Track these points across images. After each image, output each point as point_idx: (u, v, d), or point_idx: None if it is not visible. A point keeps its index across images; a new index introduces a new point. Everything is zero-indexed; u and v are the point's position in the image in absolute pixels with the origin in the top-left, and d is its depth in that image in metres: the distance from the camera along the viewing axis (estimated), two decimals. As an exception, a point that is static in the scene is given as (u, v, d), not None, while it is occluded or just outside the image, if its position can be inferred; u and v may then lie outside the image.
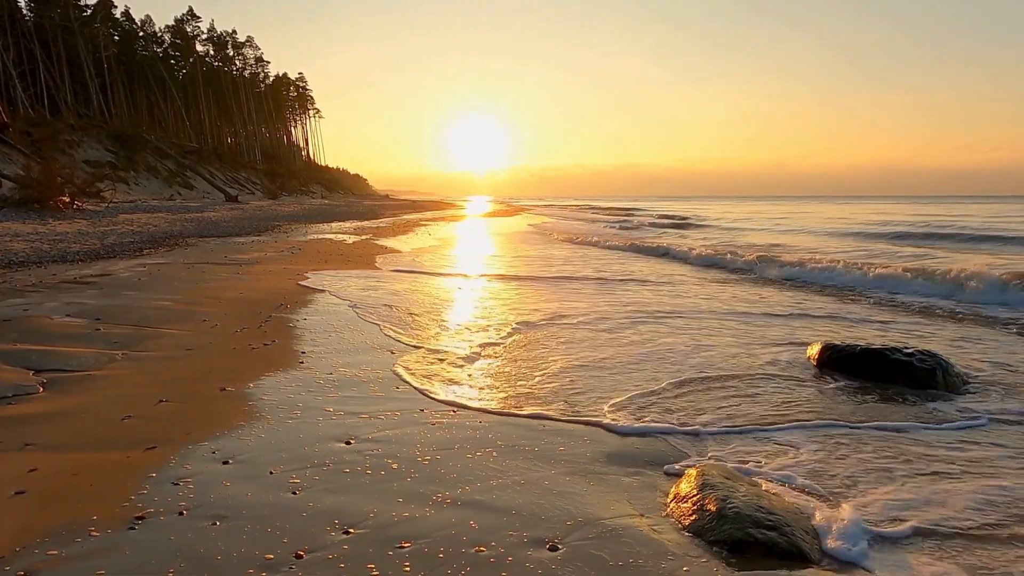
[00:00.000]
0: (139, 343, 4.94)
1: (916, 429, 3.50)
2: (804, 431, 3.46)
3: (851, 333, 5.90)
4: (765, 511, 2.40)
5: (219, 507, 2.46)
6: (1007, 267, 9.78)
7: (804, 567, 2.18)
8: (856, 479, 2.86)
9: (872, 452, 3.18)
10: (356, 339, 5.40)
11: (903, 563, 2.22)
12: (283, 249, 13.46)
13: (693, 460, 3.05)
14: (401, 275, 10.01)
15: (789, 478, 2.86)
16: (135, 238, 14.15)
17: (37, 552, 2.12)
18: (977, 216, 33.28)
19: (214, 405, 3.66)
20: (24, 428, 3.21)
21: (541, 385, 4.21)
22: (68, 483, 2.63)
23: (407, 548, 2.21)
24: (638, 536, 2.34)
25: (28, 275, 8.24)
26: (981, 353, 5.18)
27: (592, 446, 3.21)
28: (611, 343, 5.43)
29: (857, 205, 67.96)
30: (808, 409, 3.79)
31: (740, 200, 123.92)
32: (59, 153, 28.05)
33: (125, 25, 62.31)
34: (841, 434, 3.42)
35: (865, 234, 22.04)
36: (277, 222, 24.11)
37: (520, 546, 2.25)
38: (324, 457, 2.96)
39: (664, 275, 10.87)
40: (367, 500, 2.56)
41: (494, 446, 3.16)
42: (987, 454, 3.18)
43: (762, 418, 3.63)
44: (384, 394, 3.94)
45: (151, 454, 2.94)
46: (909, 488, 2.77)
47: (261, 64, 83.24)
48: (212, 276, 8.76)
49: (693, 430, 3.44)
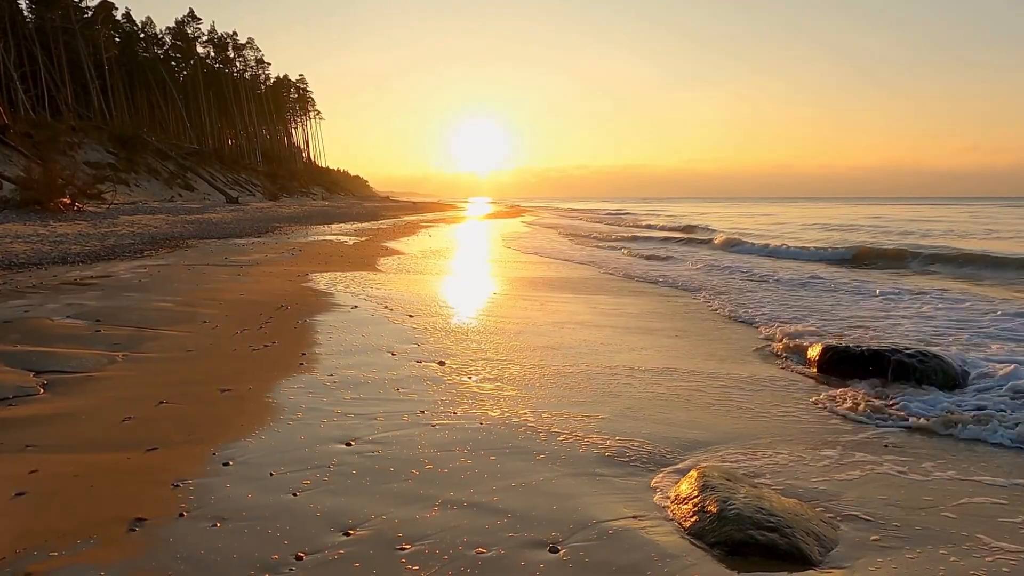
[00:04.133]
0: (139, 345, 4.94)
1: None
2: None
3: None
4: (766, 512, 2.39)
5: (219, 509, 2.46)
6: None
7: (805, 569, 2.18)
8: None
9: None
10: (356, 340, 5.40)
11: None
12: (283, 251, 13.46)
13: (693, 461, 3.05)
14: (401, 276, 10.00)
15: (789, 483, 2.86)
16: (136, 239, 14.16)
17: (37, 554, 2.12)
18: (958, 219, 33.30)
19: (214, 407, 3.66)
20: (24, 430, 3.21)
21: (541, 386, 4.21)
22: (68, 485, 2.63)
23: (408, 550, 2.21)
24: (638, 538, 2.34)
25: (29, 276, 8.24)
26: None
27: (593, 448, 3.21)
28: (612, 344, 5.42)
29: (863, 207, 67.98)
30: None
31: (742, 201, 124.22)
32: (60, 155, 28.05)
33: (126, 27, 62.36)
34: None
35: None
36: (277, 223, 24.11)
37: (521, 548, 2.25)
38: (325, 459, 2.96)
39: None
40: (368, 502, 2.55)
41: (494, 447, 3.16)
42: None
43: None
44: (384, 395, 3.94)
45: (151, 456, 2.94)
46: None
47: (262, 66, 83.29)
48: (213, 278, 8.76)
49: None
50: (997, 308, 6.99)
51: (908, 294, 8.28)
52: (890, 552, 2.29)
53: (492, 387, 4.18)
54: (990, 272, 11.11)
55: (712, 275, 10.90)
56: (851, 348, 4.70)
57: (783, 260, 13.79)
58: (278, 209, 36.64)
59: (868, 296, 8.26)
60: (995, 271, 11.18)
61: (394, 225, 26.95)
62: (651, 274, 11.10)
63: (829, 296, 8.39)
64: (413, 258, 13.31)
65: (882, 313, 7.01)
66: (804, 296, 8.39)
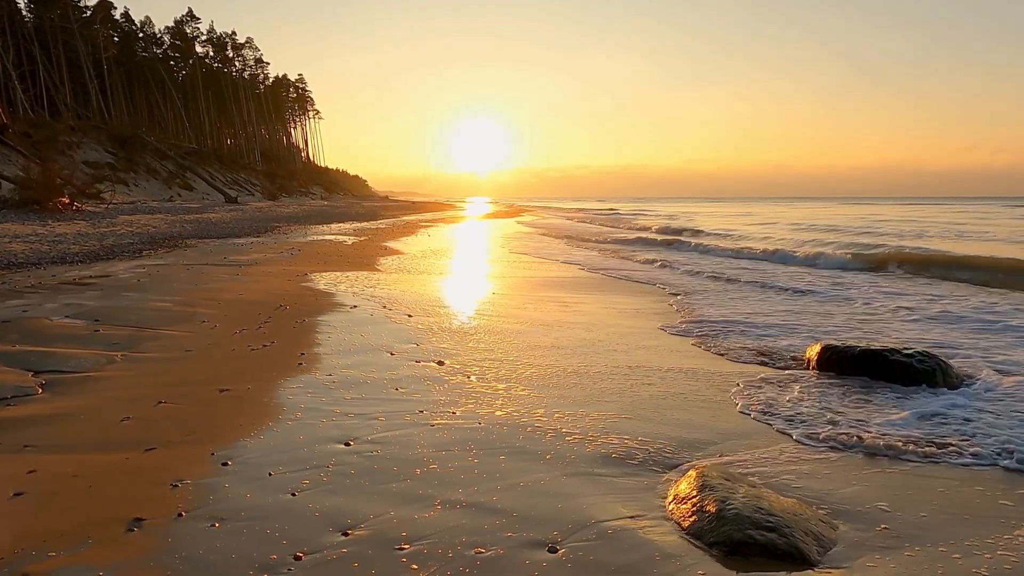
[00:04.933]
0: (138, 344, 4.93)
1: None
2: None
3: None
4: (764, 512, 2.39)
5: (218, 509, 2.46)
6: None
7: (804, 569, 2.18)
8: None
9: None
10: (355, 340, 5.39)
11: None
12: (282, 250, 13.46)
13: (692, 461, 3.05)
14: (400, 276, 10.00)
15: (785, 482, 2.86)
16: (134, 239, 14.15)
17: (36, 554, 2.12)
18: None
19: (213, 407, 3.66)
20: (23, 429, 3.21)
21: (541, 385, 4.21)
22: (67, 485, 2.63)
23: (407, 550, 2.21)
24: (637, 538, 2.34)
25: (27, 276, 8.24)
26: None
27: (592, 448, 3.21)
28: (608, 347, 5.43)
29: (861, 207, 68.05)
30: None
31: (743, 202, 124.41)
32: (59, 154, 28.00)
33: (125, 26, 62.30)
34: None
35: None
36: (276, 223, 24.10)
37: (520, 548, 2.25)
38: (324, 459, 2.96)
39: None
40: (366, 502, 2.55)
41: (494, 447, 3.16)
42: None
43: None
44: (383, 395, 3.94)
45: (150, 456, 2.94)
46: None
47: (261, 65, 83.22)
48: (212, 277, 8.76)
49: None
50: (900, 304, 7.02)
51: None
52: (889, 552, 2.29)
53: (491, 386, 4.18)
54: (935, 271, 11.22)
55: (693, 277, 10.92)
56: (850, 348, 4.71)
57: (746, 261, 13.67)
58: (277, 209, 36.63)
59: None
60: (938, 270, 11.25)
61: (393, 225, 26.95)
62: (650, 275, 11.12)
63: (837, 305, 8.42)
64: (412, 258, 13.31)
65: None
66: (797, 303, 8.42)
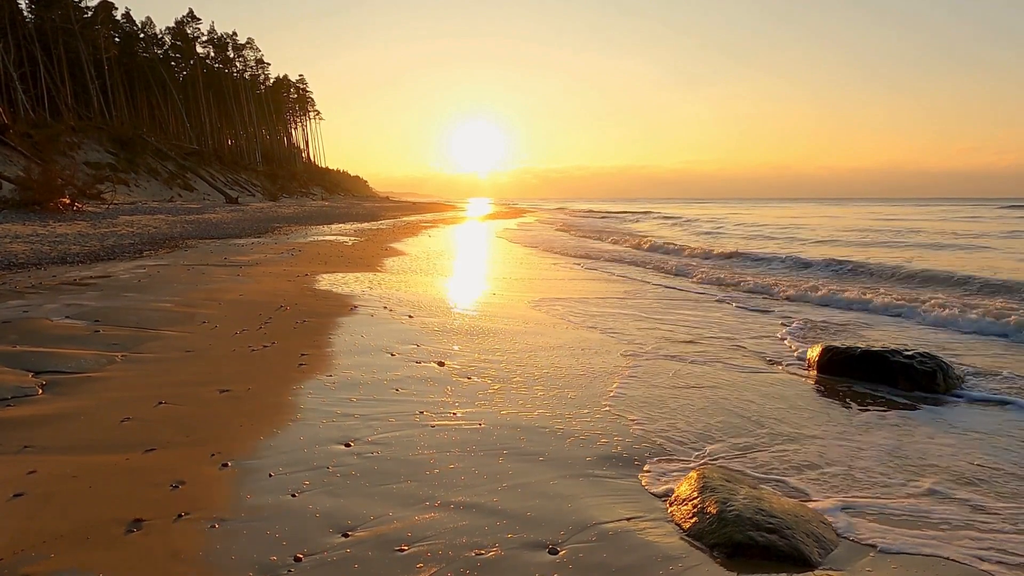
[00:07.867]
0: (138, 345, 4.93)
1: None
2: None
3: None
4: (765, 514, 2.39)
5: (218, 510, 2.45)
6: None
7: (805, 571, 2.17)
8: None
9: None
10: (356, 341, 5.39)
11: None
12: (283, 251, 13.45)
13: (693, 462, 3.04)
14: (400, 276, 9.99)
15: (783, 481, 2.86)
16: (135, 240, 14.15)
17: (35, 555, 2.11)
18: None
19: (213, 407, 3.65)
20: (23, 430, 3.21)
21: (541, 386, 4.20)
22: (67, 485, 2.62)
23: (407, 551, 2.20)
24: (638, 539, 2.34)
25: (28, 277, 8.24)
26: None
27: (592, 449, 3.20)
28: (608, 348, 5.42)
29: (860, 207, 68.07)
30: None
31: (743, 202, 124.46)
32: (59, 155, 28.05)
33: (126, 27, 62.32)
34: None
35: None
36: (277, 224, 24.10)
37: (520, 549, 2.24)
38: (324, 459, 2.95)
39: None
40: (367, 503, 2.55)
41: (494, 448, 3.15)
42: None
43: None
44: (384, 396, 3.93)
45: (150, 456, 2.94)
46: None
47: (261, 66, 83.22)
48: (212, 278, 8.75)
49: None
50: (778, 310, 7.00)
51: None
52: (889, 553, 2.29)
53: (491, 388, 4.18)
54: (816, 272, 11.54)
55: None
56: (852, 349, 4.71)
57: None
58: (277, 209, 36.63)
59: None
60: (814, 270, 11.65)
61: (393, 225, 26.94)
62: (648, 276, 11.12)
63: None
64: (412, 258, 13.31)
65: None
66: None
